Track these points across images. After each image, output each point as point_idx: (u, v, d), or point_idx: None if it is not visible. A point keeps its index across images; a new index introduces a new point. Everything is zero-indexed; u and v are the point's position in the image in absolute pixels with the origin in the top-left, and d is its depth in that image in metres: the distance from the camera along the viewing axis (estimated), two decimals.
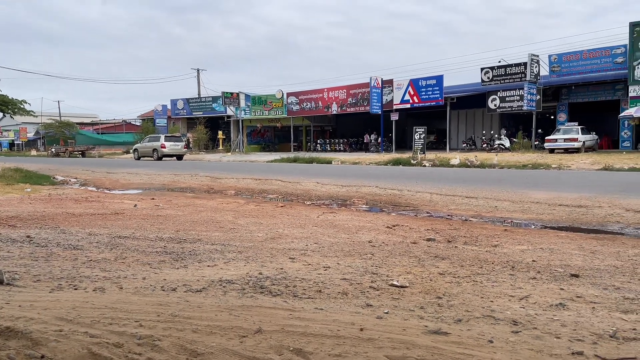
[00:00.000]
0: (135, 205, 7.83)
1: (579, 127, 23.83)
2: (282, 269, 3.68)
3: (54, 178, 14.98)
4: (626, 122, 24.69)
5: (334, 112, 35.02)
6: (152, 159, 28.89)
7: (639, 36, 23.67)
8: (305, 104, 36.00)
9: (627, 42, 24.41)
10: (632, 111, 23.14)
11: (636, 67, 23.79)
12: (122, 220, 6.25)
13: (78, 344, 2.13)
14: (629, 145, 25.02)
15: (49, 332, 2.26)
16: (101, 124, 62.50)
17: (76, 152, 40.85)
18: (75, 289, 3.10)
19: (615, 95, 26.16)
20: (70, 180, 14.85)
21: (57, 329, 2.30)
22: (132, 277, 3.42)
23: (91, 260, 3.95)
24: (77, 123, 55.81)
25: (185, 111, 44.83)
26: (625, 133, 25.30)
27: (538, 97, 26.22)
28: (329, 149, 36.14)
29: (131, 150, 33.92)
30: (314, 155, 27.00)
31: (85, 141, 49.55)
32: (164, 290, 3.08)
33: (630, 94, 24.08)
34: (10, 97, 19.78)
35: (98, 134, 57.78)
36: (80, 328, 2.32)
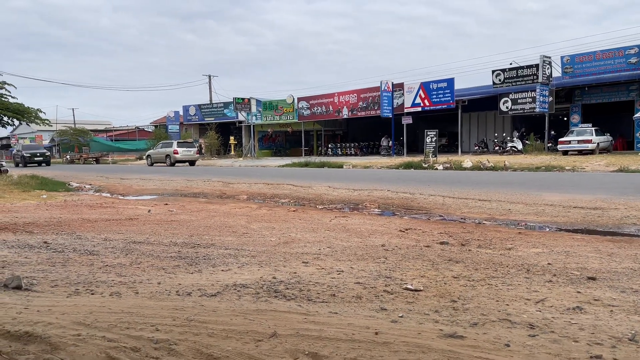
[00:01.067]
0: (149, 211, 7.89)
1: (593, 128, 23.58)
2: (295, 273, 3.69)
3: (69, 184, 15.16)
4: None
5: (345, 117, 35.05)
6: (165, 164, 29.12)
7: None
8: (316, 109, 36.08)
9: None
10: None
11: None
12: (136, 225, 6.30)
13: (96, 348, 2.15)
14: None
15: (67, 336, 2.28)
16: (114, 130, 63.19)
17: (90, 159, 41.32)
18: (92, 294, 3.14)
19: (630, 95, 25.85)
20: (85, 187, 15.02)
21: (75, 333, 2.33)
22: (147, 281, 3.45)
23: (107, 265, 3.99)
24: (91, 130, 56.52)
25: (197, 117, 45.16)
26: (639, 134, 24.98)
27: (550, 98, 26.00)
28: (340, 153, 36.13)
29: (144, 157, 34.21)
30: (325, 159, 27.00)
31: (99, 148, 50.11)
32: (179, 295, 3.10)
33: None
34: (26, 106, 20.07)
35: (111, 140, 58.40)
36: (97, 332, 2.35)
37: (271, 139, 43.03)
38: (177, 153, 28.68)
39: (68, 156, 43.52)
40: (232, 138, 41.48)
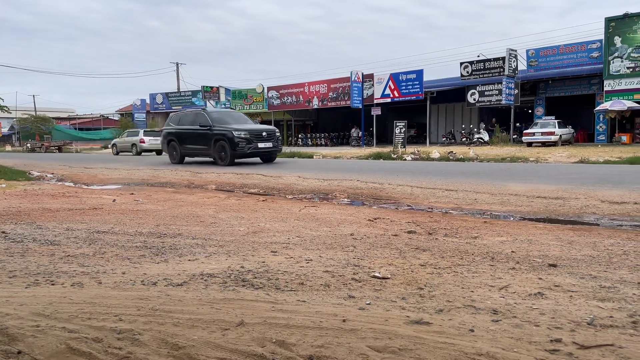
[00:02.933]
0: (114, 200, 7.71)
1: (556, 121, 24.26)
2: (264, 262, 3.67)
3: (29, 173, 14.66)
4: (601, 116, 25.21)
5: (315, 107, 35.01)
6: (131, 154, 28.50)
7: (614, 31, 24.14)
8: (286, 98, 35.89)
9: (602, 37, 24.88)
10: (607, 105, 23.63)
11: (611, 62, 24.27)
12: (100, 215, 6.15)
13: (56, 339, 2.09)
14: (603, 138, 25.56)
15: (25, 327, 2.21)
16: (78, 118, 61.42)
17: (53, 148, 40.08)
18: (53, 285, 3.04)
19: (591, 89, 26.68)
20: (46, 176, 14.56)
21: (34, 324, 2.25)
22: (111, 271, 3.37)
23: (69, 255, 3.88)
24: (53, 118, 54.75)
25: (164, 105, 44.31)
26: (600, 127, 25.84)
27: (516, 91, 26.59)
28: (310, 143, 36.11)
29: (109, 146, 33.42)
30: (295, 149, 26.94)
31: (62, 136, 48.64)
32: (144, 285, 3.04)
33: (605, 88, 24.58)
34: None
35: (75, 129, 56.75)
36: (57, 323, 2.28)
37: None
38: (144, 142, 28.10)
39: (29, 144, 42.10)
40: None
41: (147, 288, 2.97)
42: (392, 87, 30.42)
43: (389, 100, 30.90)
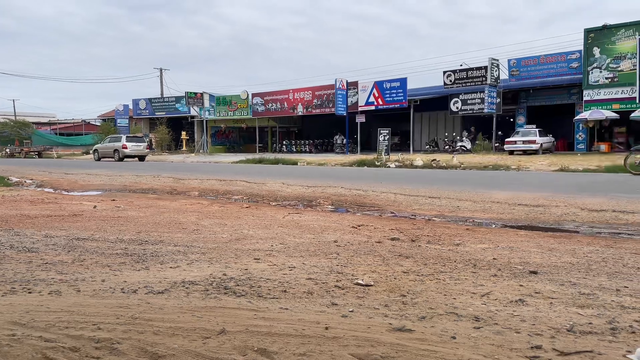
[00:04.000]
0: (95, 207, 7.60)
1: (537, 129, 24.63)
2: (246, 269, 3.64)
3: (8, 179, 14.38)
4: (581, 125, 25.66)
5: (300, 114, 35.02)
6: (113, 159, 28.17)
7: (593, 42, 24.64)
8: (270, 105, 35.86)
9: (581, 47, 25.38)
10: (586, 114, 24.06)
11: (590, 72, 24.76)
12: (80, 222, 6.05)
13: (32, 349, 2.04)
14: (583, 147, 26.01)
15: (0, 336, 2.15)
16: (59, 123, 60.51)
17: (32, 153, 39.39)
18: (30, 293, 2.98)
19: (571, 99, 27.16)
20: (25, 182, 14.30)
21: (9, 333, 2.20)
22: (90, 279, 3.31)
23: (47, 263, 3.80)
24: (33, 123, 53.85)
25: (147, 111, 43.93)
26: (579, 135, 26.30)
27: (498, 100, 26.94)
28: (294, 150, 36.09)
29: (91, 151, 32.98)
30: (280, 156, 26.90)
31: (42, 142, 47.81)
32: (124, 293, 3.00)
33: (584, 98, 25.05)
34: None
35: (56, 134, 55.89)
36: (34, 332, 2.23)
37: (224, 134, 42.44)
38: (126, 148, 27.81)
39: (8, 150, 41.30)
40: (184, 133, 40.62)
41: (127, 296, 2.92)
42: (376, 94, 30.60)
43: (373, 107, 31.07)
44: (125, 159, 27.99)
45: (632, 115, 22.97)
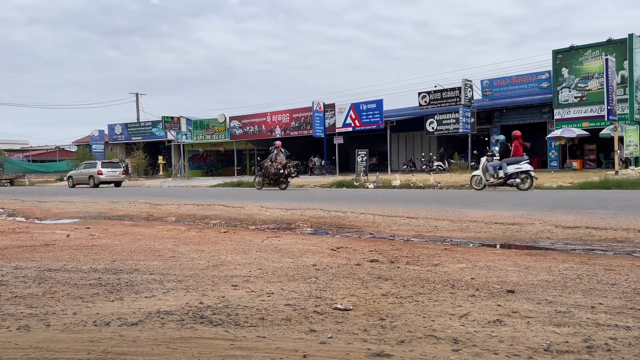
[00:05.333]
0: (68, 235, 7.43)
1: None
2: (224, 297, 3.58)
3: None
4: (553, 143, 26.31)
5: (278, 136, 35.11)
6: (89, 186, 27.71)
7: (561, 63, 25.45)
8: (248, 128, 35.90)
9: (550, 68, 26.17)
10: (557, 133, 24.70)
11: (560, 91, 25.50)
12: (52, 252, 5.89)
13: None
14: (556, 164, 26.62)
15: None
16: (32, 150, 59.38)
17: (3, 181, 38.50)
18: None
19: (542, 117, 27.89)
20: None
21: None
22: (61, 312, 3.21)
23: (16, 296, 3.68)
24: (5, 150, 52.77)
25: (123, 136, 43.50)
26: (552, 153, 26.93)
27: (473, 119, 27.50)
28: None
29: (65, 178, 32.39)
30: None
31: (14, 169, 46.78)
32: (96, 326, 2.91)
33: (555, 117, 25.74)
34: None
35: (29, 161, 54.79)
36: None
37: (202, 158, 42.22)
38: (102, 174, 27.42)
39: None
40: (160, 158, 40.26)
41: (99, 329, 2.84)
42: (353, 116, 30.93)
43: (350, 129, 31.36)
44: (100, 185, 27.56)
45: (602, 132, 23.67)
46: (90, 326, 2.90)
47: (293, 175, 18.77)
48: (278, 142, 20.05)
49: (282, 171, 18.36)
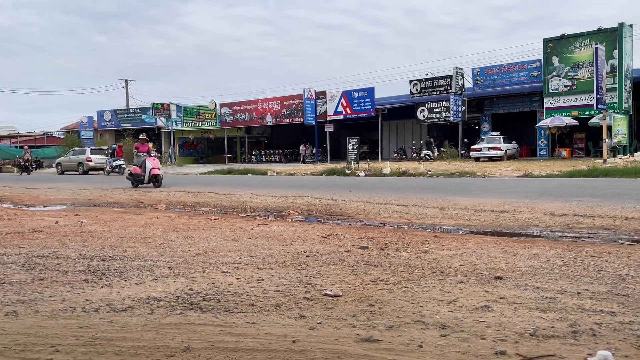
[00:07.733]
0: (57, 222, 7.38)
1: (501, 136, 25.26)
2: (214, 283, 3.58)
3: None
4: (542, 132, 26.43)
5: (269, 123, 34.96)
6: (77, 173, 27.48)
7: (552, 51, 25.48)
8: (239, 115, 35.67)
9: (541, 57, 26.21)
10: (547, 121, 24.82)
11: (550, 80, 25.57)
12: (41, 238, 5.86)
13: None
14: (545, 153, 26.78)
15: None
16: (20, 136, 58.61)
17: None
18: None
19: (532, 106, 27.97)
20: None
21: None
22: (49, 299, 3.20)
23: (4, 282, 3.66)
24: None
25: (113, 123, 43.10)
26: (542, 142, 27.07)
27: (463, 108, 27.51)
28: (264, 160, 35.97)
29: (54, 164, 32.08)
30: (249, 166, 26.74)
31: (2, 155, 46.20)
32: (85, 312, 2.90)
33: (545, 106, 25.83)
34: None
35: (16, 147, 54.11)
36: None
37: (192, 145, 41.94)
38: (91, 160, 27.20)
39: None
40: (151, 145, 39.90)
41: (87, 315, 2.83)
42: (345, 104, 30.84)
43: (341, 117, 31.28)
44: (90, 172, 27.34)
45: (591, 121, 23.82)
46: (79, 312, 2.90)
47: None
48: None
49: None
